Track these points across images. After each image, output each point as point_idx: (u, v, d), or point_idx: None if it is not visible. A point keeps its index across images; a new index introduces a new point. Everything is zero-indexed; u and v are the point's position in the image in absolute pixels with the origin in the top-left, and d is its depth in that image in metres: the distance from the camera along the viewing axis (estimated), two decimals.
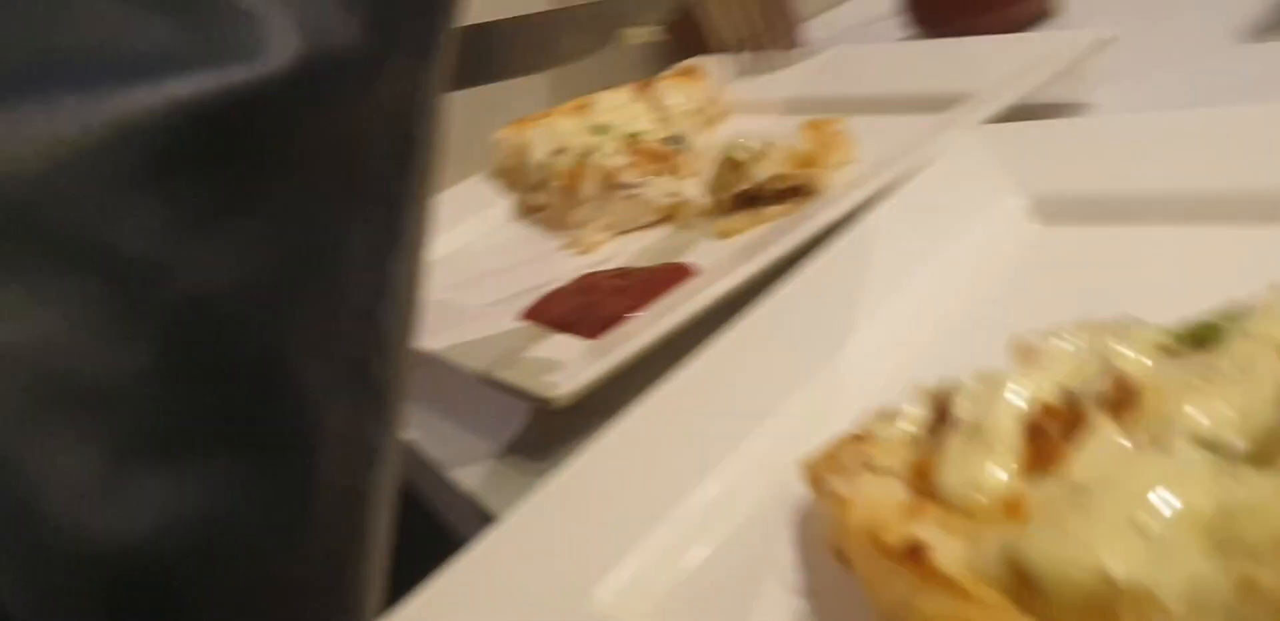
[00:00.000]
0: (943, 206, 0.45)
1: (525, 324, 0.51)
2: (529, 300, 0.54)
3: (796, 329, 0.40)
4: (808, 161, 0.54)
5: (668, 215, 0.60)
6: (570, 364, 0.44)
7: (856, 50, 0.71)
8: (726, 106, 0.73)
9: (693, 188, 0.60)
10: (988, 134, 0.48)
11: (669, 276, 0.51)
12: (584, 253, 0.60)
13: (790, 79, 0.72)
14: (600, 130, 0.66)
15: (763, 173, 0.54)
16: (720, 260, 0.50)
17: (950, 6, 0.70)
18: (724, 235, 0.55)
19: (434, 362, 0.49)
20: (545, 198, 0.66)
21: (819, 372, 0.39)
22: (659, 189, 0.59)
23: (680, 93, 0.70)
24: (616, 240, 0.60)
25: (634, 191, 0.59)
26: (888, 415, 0.32)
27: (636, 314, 0.48)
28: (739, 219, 0.55)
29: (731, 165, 0.55)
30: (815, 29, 0.87)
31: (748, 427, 0.37)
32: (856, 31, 0.84)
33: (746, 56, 0.77)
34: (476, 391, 0.46)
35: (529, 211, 0.68)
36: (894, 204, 0.45)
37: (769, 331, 0.40)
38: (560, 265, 0.60)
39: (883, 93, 0.63)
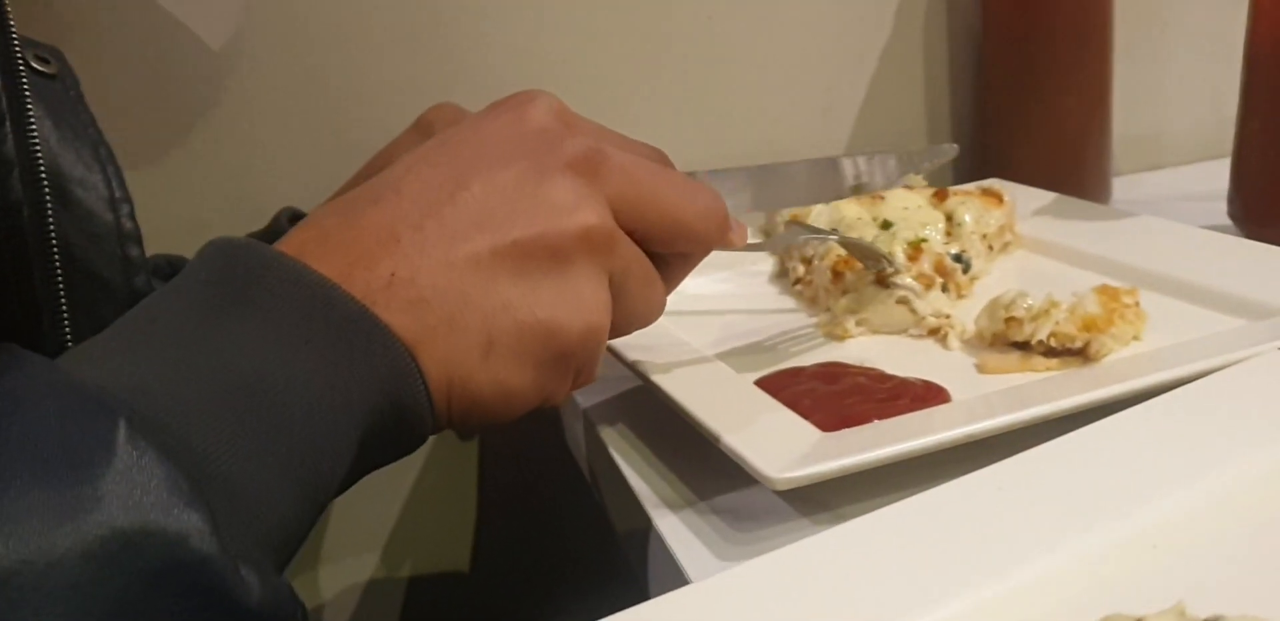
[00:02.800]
0: (1231, 424, 0.43)
1: (760, 392, 0.51)
2: (763, 358, 0.54)
3: (1044, 493, 0.39)
4: (1091, 325, 0.53)
5: (929, 330, 0.59)
6: (802, 450, 0.44)
7: (1166, 225, 0.69)
8: (1018, 238, 0.72)
9: (962, 311, 0.59)
10: None
11: (923, 394, 0.50)
12: (832, 338, 0.60)
13: (1089, 232, 0.71)
14: (886, 226, 0.67)
15: (1041, 331, 0.53)
16: (980, 398, 0.49)
17: None
18: (984, 370, 0.54)
19: (659, 402, 0.50)
20: (808, 272, 0.66)
21: (1043, 552, 0.38)
22: (931, 303, 0.59)
23: (977, 211, 0.69)
24: (869, 337, 0.60)
25: (905, 295, 0.59)
26: None
27: (879, 420, 0.48)
28: (1006, 360, 0.54)
29: (1008, 319, 0.55)
30: (1124, 188, 0.86)
31: (960, 580, 0.36)
32: (1167, 204, 0.82)
33: (1052, 195, 0.77)
34: (700, 444, 0.46)
35: (790, 278, 0.69)
36: (1177, 403, 0.44)
37: (1013, 487, 0.39)
38: (804, 341, 0.60)
39: (1184, 277, 0.61)
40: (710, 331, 0.62)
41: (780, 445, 0.44)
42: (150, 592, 0.26)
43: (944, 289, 0.62)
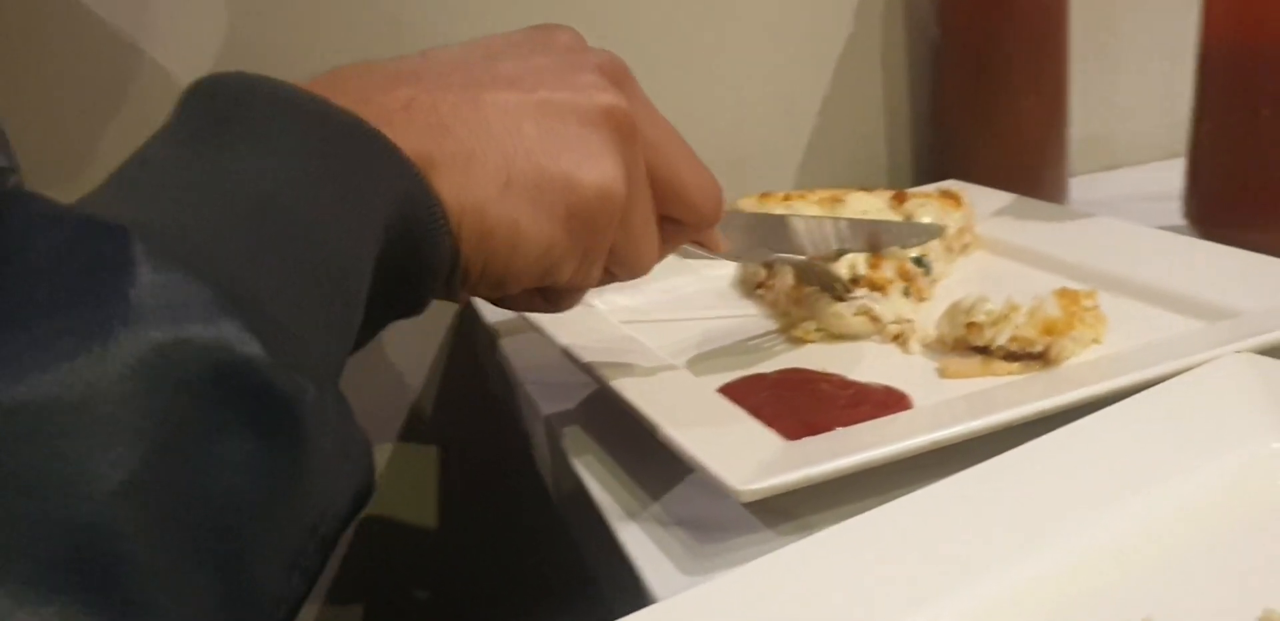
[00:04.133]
0: (1193, 428, 0.43)
1: (723, 400, 0.51)
2: (725, 364, 0.54)
3: (1008, 503, 0.39)
4: (1052, 329, 0.53)
5: (891, 336, 0.59)
6: (766, 460, 0.43)
7: (1124, 227, 0.70)
8: (977, 240, 0.72)
9: (923, 314, 0.59)
10: (1262, 366, 0.46)
11: (885, 400, 0.50)
12: (793, 343, 0.60)
13: (1047, 233, 0.71)
14: None
15: (1001, 336, 0.53)
16: (942, 403, 0.49)
17: (1242, 214, 0.69)
18: (946, 375, 0.54)
19: (622, 409, 0.49)
20: (770, 277, 0.66)
21: (1009, 564, 0.38)
22: (892, 307, 0.59)
23: (935, 214, 0.69)
24: (830, 344, 0.60)
25: (865, 304, 0.59)
26: None
27: (842, 428, 0.47)
28: (967, 365, 0.54)
29: (969, 324, 0.55)
30: (1081, 188, 0.86)
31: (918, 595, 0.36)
32: (1124, 204, 0.82)
33: (1010, 196, 0.77)
34: (663, 453, 0.46)
35: (751, 284, 0.69)
36: (1140, 409, 0.44)
37: (977, 498, 0.39)
38: (766, 346, 0.60)
39: (1142, 278, 0.61)
40: (672, 336, 0.61)
41: (743, 455, 0.44)
42: (201, 403, 0.24)
43: (905, 293, 0.62)
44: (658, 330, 0.62)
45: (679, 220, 0.45)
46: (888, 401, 0.51)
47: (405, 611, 0.89)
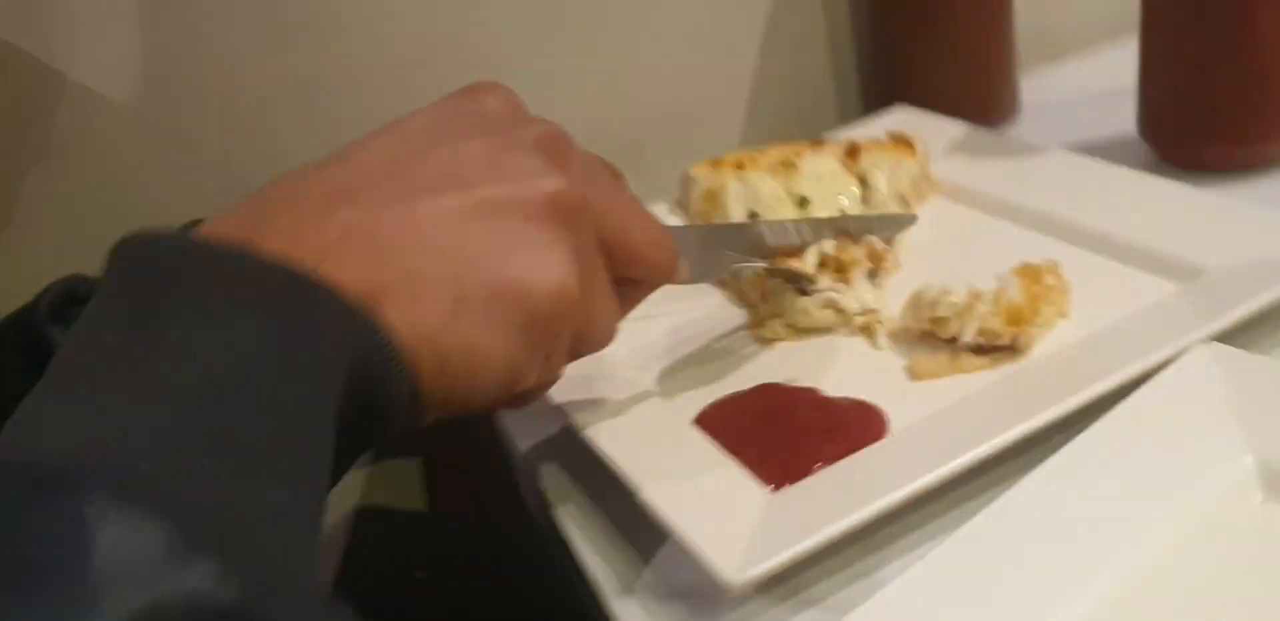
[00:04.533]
0: (1160, 450, 0.44)
1: (700, 439, 0.51)
2: (697, 375, 0.56)
3: (1008, 568, 0.40)
4: (1017, 318, 0.53)
5: (856, 329, 0.58)
6: (752, 535, 0.43)
7: (1081, 165, 0.67)
8: (933, 185, 0.70)
9: (893, 287, 0.58)
10: (1224, 367, 0.46)
11: (860, 423, 0.50)
12: (761, 342, 0.59)
13: (1004, 176, 0.69)
14: (803, 203, 0.65)
15: (967, 331, 0.53)
16: (918, 425, 0.49)
17: (1193, 132, 0.67)
18: (916, 376, 0.54)
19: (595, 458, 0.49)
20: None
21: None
22: (855, 299, 0.58)
23: (890, 168, 0.67)
24: (798, 342, 0.59)
25: (830, 297, 0.58)
26: None
27: (824, 465, 0.48)
28: (936, 363, 0.54)
29: (933, 319, 0.54)
30: (1031, 90, 0.84)
31: None
32: (1077, 110, 0.80)
33: (962, 128, 0.74)
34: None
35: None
36: (1106, 436, 0.44)
37: (978, 569, 0.40)
38: (736, 348, 0.59)
39: (1103, 230, 0.60)
40: (639, 338, 0.60)
41: (728, 531, 0.44)
42: None
43: (871, 275, 0.61)
44: (625, 331, 0.61)
45: (636, 279, 0.44)
46: (863, 423, 0.50)
47: None
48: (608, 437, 0.51)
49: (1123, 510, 0.42)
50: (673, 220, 0.71)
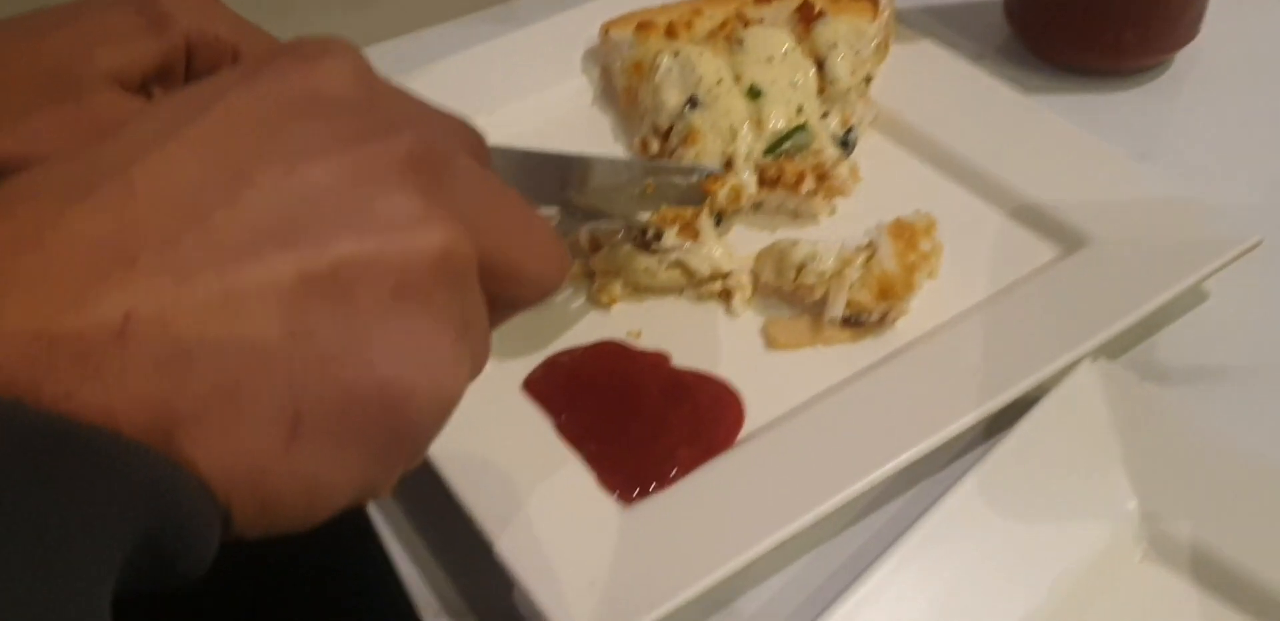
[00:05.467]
0: (1044, 495, 0.41)
1: (528, 403, 0.45)
2: (526, 339, 0.48)
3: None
4: (888, 291, 0.48)
5: (710, 295, 0.51)
6: (605, 593, 0.38)
7: (947, 68, 0.61)
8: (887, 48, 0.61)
9: (738, 266, 0.51)
10: (1110, 394, 0.43)
11: (714, 413, 0.45)
12: (597, 305, 0.51)
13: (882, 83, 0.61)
14: (754, 94, 0.55)
15: (835, 305, 0.48)
16: (778, 436, 0.44)
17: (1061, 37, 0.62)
18: (774, 346, 0.49)
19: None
20: (659, 148, 0.56)
21: None
22: (705, 260, 0.50)
23: (849, 41, 0.57)
24: (639, 302, 0.51)
25: (678, 258, 0.50)
26: None
27: (681, 474, 0.43)
28: (796, 332, 0.49)
29: (798, 286, 0.49)
30: None
31: None
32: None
33: None
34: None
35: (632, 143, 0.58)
36: (988, 482, 0.41)
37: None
38: (566, 307, 0.51)
39: (976, 166, 0.55)
40: None
41: (579, 585, 0.39)
42: None
43: (814, 194, 0.53)
44: None
45: (510, 301, 0.31)
46: (722, 409, 0.46)
47: None
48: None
49: (1005, 564, 0.40)
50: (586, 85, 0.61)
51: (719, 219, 0.52)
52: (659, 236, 0.49)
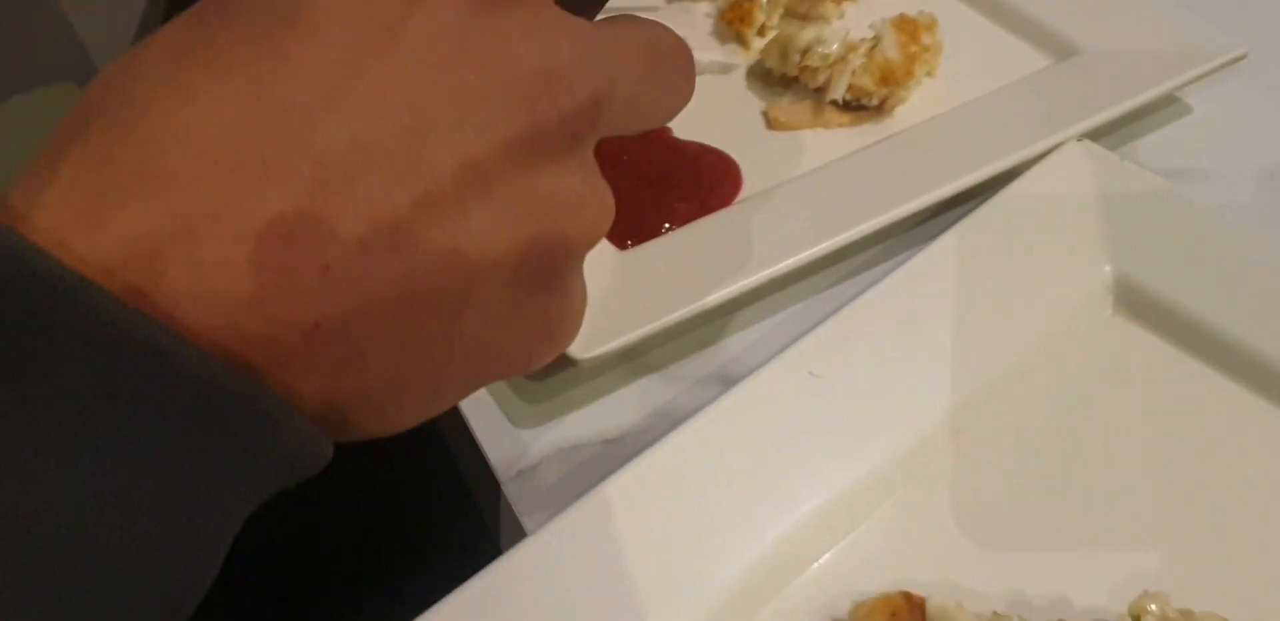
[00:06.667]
0: (1019, 256, 0.43)
1: None
2: None
3: (854, 379, 0.40)
4: (890, 77, 0.49)
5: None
6: (601, 307, 0.40)
7: None
8: None
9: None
10: (1093, 170, 0.45)
11: (714, 177, 0.47)
12: None
13: None
14: None
15: (837, 88, 0.49)
16: (774, 194, 0.46)
17: None
18: (775, 126, 0.50)
19: None
20: None
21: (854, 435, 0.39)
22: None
23: None
24: None
25: None
26: None
27: (673, 227, 0.45)
28: (797, 114, 0.50)
29: (803, 68, 0.50)
30: None
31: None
32: None
33: None
34: None
35: None
36: (965, 239, 0.43)
37: (826, 373, 0.39)
38: None
39: None
40: None
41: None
42: None
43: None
44: None
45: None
46: (716, 176, 0.47)
47: None
48: None
49: (977, 317, 0.42)
50: None
51: None
52: None
